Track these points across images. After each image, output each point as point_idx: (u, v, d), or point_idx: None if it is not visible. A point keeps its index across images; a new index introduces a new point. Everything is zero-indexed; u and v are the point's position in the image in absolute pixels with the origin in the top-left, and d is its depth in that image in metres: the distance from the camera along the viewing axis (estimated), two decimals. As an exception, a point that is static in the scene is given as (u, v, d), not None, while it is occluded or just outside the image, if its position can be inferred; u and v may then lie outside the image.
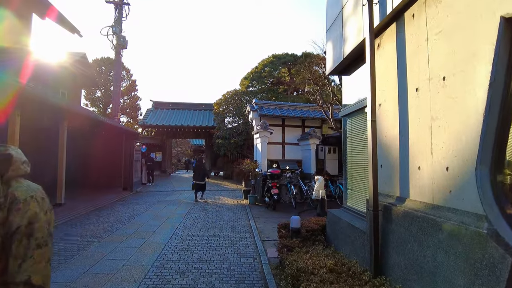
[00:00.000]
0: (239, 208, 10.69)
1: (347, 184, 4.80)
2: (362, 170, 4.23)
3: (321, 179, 9.14)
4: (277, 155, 13.16)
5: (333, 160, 13.54)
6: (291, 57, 21.15)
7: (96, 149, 15.33)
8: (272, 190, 9.86)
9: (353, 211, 4.37)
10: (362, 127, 4.20)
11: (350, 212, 4.44)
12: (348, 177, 4.77)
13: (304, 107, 13.96)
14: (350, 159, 4.74)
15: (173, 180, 20.37)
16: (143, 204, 11.35)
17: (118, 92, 17.87)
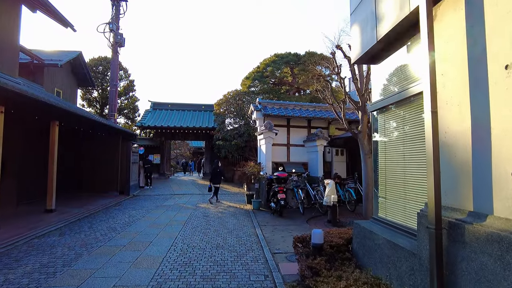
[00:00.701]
0: (242, 214, 9.98)
1: (379, 192, 4.08)
2: (401, 174, 3.52)
3: (332, 183, 8.48)
4: (282, 157, 12.46)
5: (340, 163, 12.86)
6: (294, 56, 20.50)
7: (91, 150, 14.63)
8: (279, 195, 9.16)
9: (390, 225, 3.64)
10: (402, 122, 3.49)
11: (386, 226, 3.71)
12: (380, 182, 4.06)
13: (310, 106, 13.27)
14: (383, 162, 4.02)
15: (172, 183, 19.63)
16: (140, 210, 10.62)
17: (115, 91, 17.16)
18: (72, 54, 17.95)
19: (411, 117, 3.33)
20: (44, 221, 8.24)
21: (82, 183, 14.48)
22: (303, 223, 8.55)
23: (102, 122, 11.82)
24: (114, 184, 14.54)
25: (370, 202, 8.40)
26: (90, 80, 20.80)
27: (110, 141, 14.64)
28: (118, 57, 17.38)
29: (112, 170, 14.52)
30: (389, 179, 3.82)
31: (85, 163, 14.60)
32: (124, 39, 17.37)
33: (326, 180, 8.74)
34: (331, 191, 8.32)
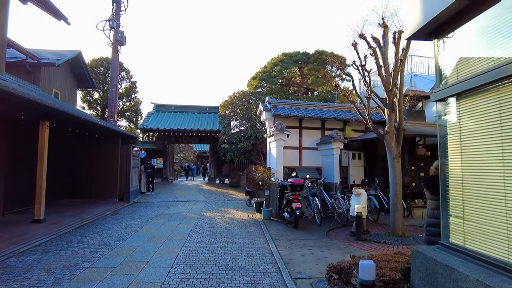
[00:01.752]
0: (252, 224, 8.95)
1: (450, 208, 3.01)
2: (497, 185, 2.45)
3: (365, 193, 7.53)
4: (294, 161, 11.44)
5: (358, 168, 11.81)
6: (303, 55, 19.54)
7: (87, 154, 13.70)
8: (294, 204, 8.13)
9: (480, 259, 2.50)
10: (498, 111, 2.44)
11: (473, 260, 2.58)
12: (452, 195, 2.98)
13: (324, 106, 12.25)
14: (457, 166, 2.94)
15: (175, 189, 18.66)
16: (138, 219, 9.64)
17: (115, 92, 16.28)
18: (71, 53, 17.11)
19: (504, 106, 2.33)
20: (29, 233, 7.28)
21: (78, 189, 13.54)
22: (322, 237, 7.51)
23: (98, 123, 10.90)
24: (113, 190, 13.59)
25: (400, 213, 7.37)
26: (91, 81, 19.97)
27: (109, 144, 13.72)
28: (118, 56, 16.53)
29: (110, 175, 13.58)
30: (471, 191, 2.75)
31: (82, 167, 13.67)
32: (125, 37, 16.53)
33: (358, 190, 7.76)
34: (364, 202, 7.42)
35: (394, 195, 7.43)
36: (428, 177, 4.19)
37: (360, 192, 7.62)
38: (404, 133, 7.80)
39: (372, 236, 7.57)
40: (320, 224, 8.70)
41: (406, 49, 7.28)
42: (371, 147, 12.21)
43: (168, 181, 21.87)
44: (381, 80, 7.49)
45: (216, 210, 11.59)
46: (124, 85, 24.17)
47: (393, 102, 7.42)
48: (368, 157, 12.17)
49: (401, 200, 7.48)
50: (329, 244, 6.82)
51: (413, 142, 11.91)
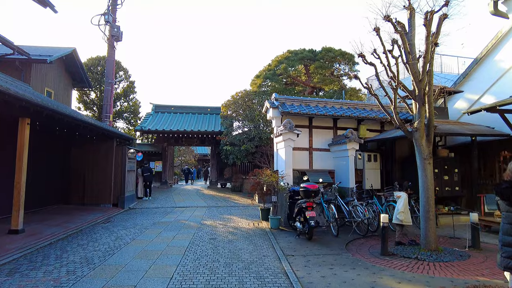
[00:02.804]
0: (259, 235, 7.90)
1: None
2: None
3: (405, 196, 6.55)
4: (303, 163, 10.39)
5: (374, 171, 10.75)
6: (309, 52, 18.54)
7: (79, 157, 12.70)
8: (307, 213, 7.07)
9: None
10: None
11: None
12: None
13: (336, 103, 11.20)
14: None
15: (174, 194, 17.61)
16: (131, 228, 8.60)
17: (111, 90, 15.31)
18: (64, 50, 16.18)
19: None
20: (1, 248, 6.25)
21: (69, 194, 12.52)
22: (341, 251, 6.45)
23: (89, 122, 9.89)
24: (107, 195, 12.56)
25: (433, 224, 6.32)
26: (87, 81, 19.04)
27: (103, 146, 12.72)
28: (114, 52, 15.57)
29: (104, 179, 12.57)
30: None
31: (74, 171, 12.66)
32: (121, 32, 15.59)
33: (398, 193, 6.86)
34: (404, 206, 6.49)
35: (425, 202, 6.38)
36: (501, 182, 3.14)
37: (400, 195, 6.72)
38: (434, 130, 6.77)
39: (398, 249, 6.52)
40: (336, 235, 7.63)
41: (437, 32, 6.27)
42: (389, 148, 11.18)
43: (167, 185, 20.83)
44: (409, 69, 6.45)
45: (218, 217, 10.54)
46: (122, 85, 23.22)
47: (424, 94, 6.38)
48: (385, 159, 11.12)
49: (434, 208, 6.42)
50: (351, 260, 5.76)
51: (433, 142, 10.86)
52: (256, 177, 10.24)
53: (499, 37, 9.50)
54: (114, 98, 22.79)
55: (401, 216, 6.64)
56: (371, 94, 7.19)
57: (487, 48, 9.91)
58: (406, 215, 6.64)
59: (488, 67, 10.00)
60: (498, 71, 9.65)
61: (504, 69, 9.49)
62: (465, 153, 10.19)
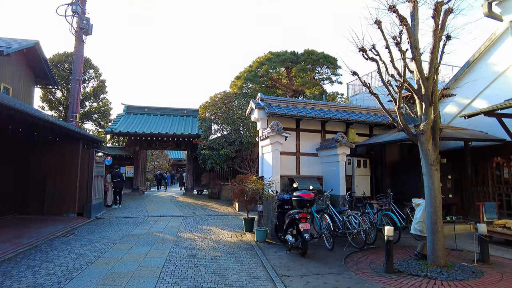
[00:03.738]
0: (244, 250, 7.01)
1: None
2: None
3: (425, 204, 5.90)
4: (290, 169, 9.62)
5: (363, 177, 10.18)
6: (291, 54, 17.96)
7: (40, 161, 11.30)
8: (301, 225, 6.27)
9: None
10: None
11: None
12: None
13: (324, 105, 10.55)
14: None
15: (146, 201, 16.33)
16: (97, 243, 7.46)
17: (78, 87, 13.95)
18: (25, 42, 14.65)
19: None
20: None
21: (26, 203, 11.08)
22: (341, 268, 5.68)
23: (49, 120, 8.63)
24: (71, 204, 11.24)
25: (441, 236, 5.69)
26: (52, 78, 17.43)
27: (67, 149, 11.42)
28: (83, 47, 14.25)
29: (68, 185, 11.25)
30: None
31: (33, 177, 11.24)
32: (91, 25, 14.31)
33: (417, 200, 6.31)
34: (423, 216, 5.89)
35: (432, 212, 5.74)
36: None
37: (419, 202, 6.11)
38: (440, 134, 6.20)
39: (402, 265, 5.84)
40: (331, 249, 6.88)
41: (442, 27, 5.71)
42: (378, 153, 10.65)
43: (139, 192, 19.46)
44: (415, 65, 5.84)
45: (197, 228, 9.54)
46: (92, 84, 21.65)
47: (432, 93, 5.79)
48: (375, 165, 10.58)
49: (442, 218, 5.81)
50: (356, 281, 5.00)
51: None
52: (239, 184, 9.37)
53: (493, 40, 9.22)
54: (83, 98, 21.23)
55: (420, 226, 6.07)
56: (370, 93, 6.53)
57: (479, 51, 9.62)
58: (424, 225, 6.02)
59: (480, 70, 9.71)
60: (491, 74, 9.36)
61: (497, 72, 9.20)
62: (457, 158, 9.81)
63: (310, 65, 17.81)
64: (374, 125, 10.55)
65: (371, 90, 6.55)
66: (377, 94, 6.56)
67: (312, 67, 18.08)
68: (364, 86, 6.56)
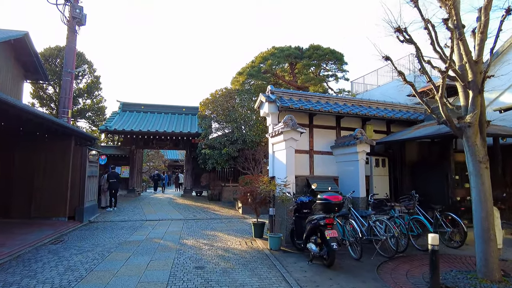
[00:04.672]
0: (259, 260, 6.14)
1: None
2: None
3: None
4: (303, 168, 8.74)
5: (382, 177, 9.37)
6: (295, 50, 17.12)
7: (28, 159, 10.36)
8: (327, 232, 5.42)
9: None
10: None
11: None
12: None
13: (339, 99, 9.72)
14: None
15: (143, 204, 15.37)
16: (90, 252, 6.55)
17: (70, 81, 13.00)
18: (13, 33, 13.68)
19: None
20: None
21: (11, 206, 10.11)
22: (378, 283, 4.84)
23: (34, 113, 7.69)
24: (61, 206, 10.31)
25: (494, 245, 4.89)
26: (43, 73, 16.40)
27: (58, 146, 10.51)
28: (76, 38, 13.29)
29: (58, 186, 10.33)
30: None
31: (17, 176, 10.29)
32: (85, 15, 13.36)
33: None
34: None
35: (483, 218, 4.93)
36: None
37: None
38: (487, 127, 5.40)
39: (447, 278, 5.01)
40: (358, 258, 6.02)
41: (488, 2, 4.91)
42: (397, 152, 9.83)
43: (135, 193, 18.48)
44: (462, 47, 5.02)
45: (200, 234, 8.65)
46: (86, 80, 20.64)
47: (484, 79, 4.98)
48: (393, 165, 9.76)
49: (493, 224, 4.99)
50: (401, 301, 4.15)
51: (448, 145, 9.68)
52: (247, 185, 8.51)
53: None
54: (76, 95, 20.22)
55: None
56: (405, 81, 5.69)
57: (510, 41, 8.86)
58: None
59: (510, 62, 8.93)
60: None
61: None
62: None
63: (316, 61, 17.00)
64: (393, 121, 9.75)
65: (404, 78, 5.72)
66: (412, 83, 5.74)
67: (318, 62, 17.27)
68: (398, 72, 5.72)
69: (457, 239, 6.90)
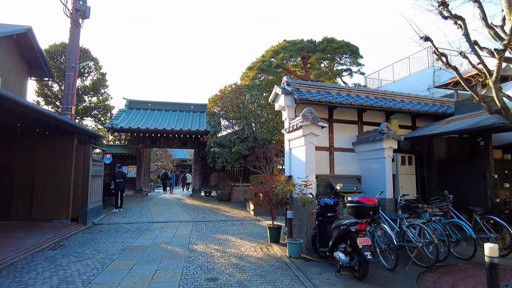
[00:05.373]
0: (278, 269, 5.43)
1: None
2: None
3: None
4: (322, 167, 7.97)
5: (408, 176, 8.58)
6: (308, 43, 16.34)
7: (28, 158, 9.82)
8: (359, 240, 4.68)
9: None
10: None
11: None
12: None
13: (361, 91, 8.93)
14: None
15: (150, 204, 14.77)
16: (90, 260, 5.92)
17: (74, 76, 12.44)
18: (16, 28, 13.18)
19: None
20: None
21: (11, 207, 9.57)
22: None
23: (31, 107, 7.08)
24: (63, 207, 9.74)
25: None
26: (47, 69, 15.91)
27: (59, 144, 9.95)
28: (79, 31, 12.72)
29: (60, 186, 9.77)
30: None
31: (18, 176, 9.75)
32: (89, 8, 12.79)
33: None
34: None
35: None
36: None
37: None
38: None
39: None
40: (392, 268, 5.26)
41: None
42: (423, 148, 9.04)
43: (142, 193, 17.90)
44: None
45: (211, 238, 7.97)
46: (91, 77, 20.12)
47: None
48: (420, 162, 8.96)
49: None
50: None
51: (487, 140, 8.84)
52: (261, 185, 7.80)
53: None
54: (82, 92, 19.74)
55: None
56: (448, 66, 4.92)
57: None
58: None
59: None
60: None
61: None
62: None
63: (330, 54, 16.20)
64: (419, 115, 8.95)
65: (447, 61, 4.94)
66: (455, 67, 4.97)
67: (332, 56, 16.47)
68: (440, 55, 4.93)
69: (501, 246, 6.10)
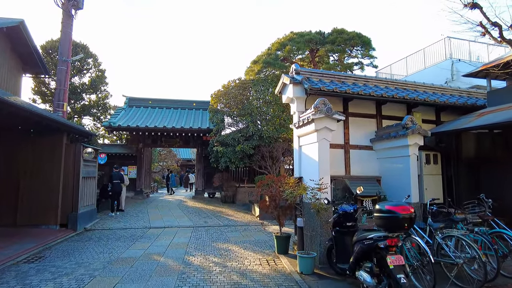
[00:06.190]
0: (288, 292, 4.49)
1: None
2: None
3: None
4: (336, 167, 7.00)
5: (433, 177, 7.57)
6: (317, 34, 15.35)
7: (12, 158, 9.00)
8: (390, 259, 3.71)
9: None
10: None
11: None
12: None
13: (380, 81, 7.92)
14: None
15: (150, 207, 13.91)
16: (64, 277, 5.04)
17: (66, 71, 11.66)
18: (6, 21, 12.38)
19: None
20: None
21: (-6, 211, 8.77)
22: None
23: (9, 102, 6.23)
24: (52, 212, 8.93)
25: None
26: (42, 65, 15.08)
27: (47, 143, 9.15)
28: (72, 23, 11.92)
29: (48, 189, 8.94)
30: None
31: (2, 177, 8.94)
32: (82, -2, 11.97)
33: None
34: None
35: None
36: None
37: None
38: None
39: None
40: (429, 293, 4.28)
41: None
42: (450, 146, 8.01)
43: (143, 195, 17.07)
44: None
45: (211, 248, 7.05)
46: (90, 74, 19.34)
47: None
48: (446, 161, 7.94)
49: None
50: None
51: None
52: (268, 188, 6.86)
53: None
54: (80, 90, 18.96)
55: None
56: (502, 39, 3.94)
57: None
58: None
59: None
60: None
61: None
62: None
63: (340, 46, 15.16)
64: (445, 107, 7.93)
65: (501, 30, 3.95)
66: (509, 41, 3.96)
67: (342, 48, 15.43)
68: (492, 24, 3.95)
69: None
